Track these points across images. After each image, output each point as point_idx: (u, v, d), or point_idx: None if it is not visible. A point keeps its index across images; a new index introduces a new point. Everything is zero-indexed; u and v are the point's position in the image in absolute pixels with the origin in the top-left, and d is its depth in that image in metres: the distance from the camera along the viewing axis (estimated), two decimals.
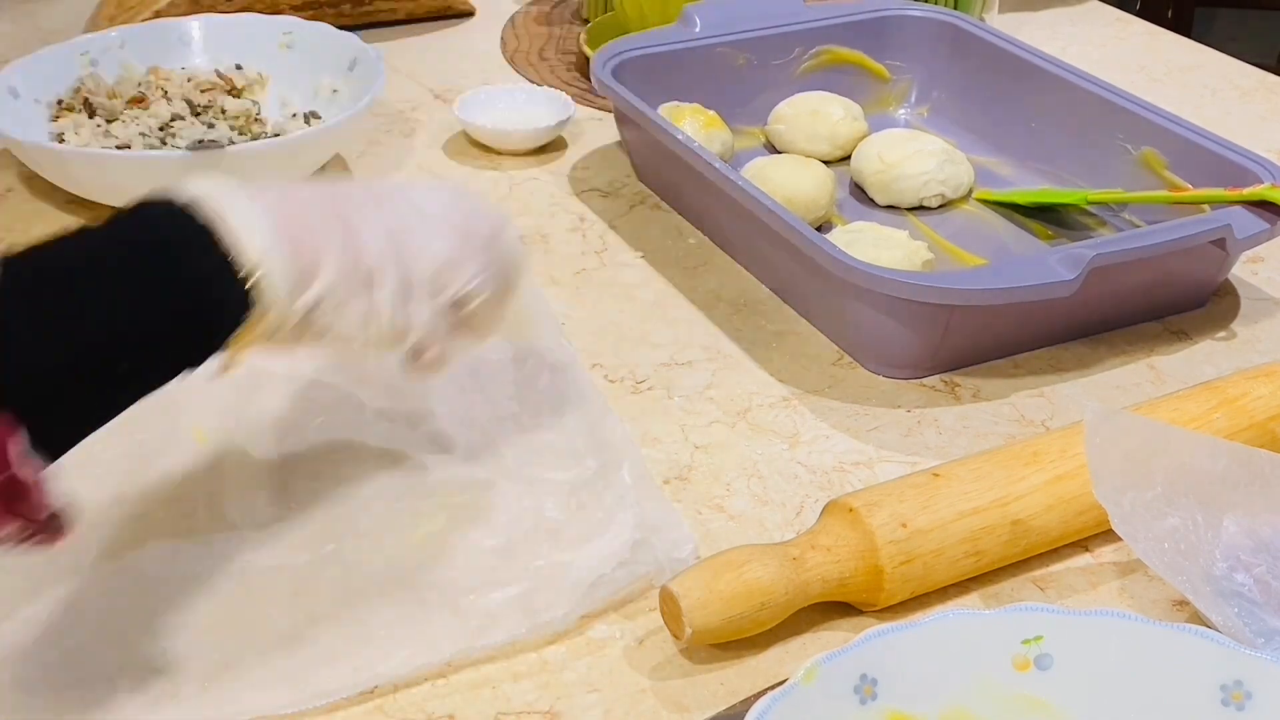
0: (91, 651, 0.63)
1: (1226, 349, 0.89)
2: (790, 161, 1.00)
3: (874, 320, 0.83)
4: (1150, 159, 0.97)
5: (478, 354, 0.83)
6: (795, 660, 0.64)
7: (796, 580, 0.64)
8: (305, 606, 0.66)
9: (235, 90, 1.08)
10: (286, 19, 1.14)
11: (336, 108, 1.07)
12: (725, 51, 1.08)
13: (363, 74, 1.06)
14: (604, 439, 0.76)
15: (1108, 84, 1.02)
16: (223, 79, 1.09)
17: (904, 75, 1.14)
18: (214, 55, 1.11)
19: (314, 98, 1.09)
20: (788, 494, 0.75)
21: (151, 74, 1.08)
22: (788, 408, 0.82)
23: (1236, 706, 0.56)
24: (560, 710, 0.62)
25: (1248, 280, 0.96)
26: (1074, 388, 0.84)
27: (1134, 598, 0.69)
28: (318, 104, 1.09)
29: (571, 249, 0.97)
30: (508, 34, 1.32)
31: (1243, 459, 0.67)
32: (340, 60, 1.09)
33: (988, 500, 0.68)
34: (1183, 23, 2.64)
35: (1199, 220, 0.87)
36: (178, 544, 0.69)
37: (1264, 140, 1.13)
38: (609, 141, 1.11)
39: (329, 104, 1.08)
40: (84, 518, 0.69)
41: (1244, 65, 1.32)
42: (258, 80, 1.10)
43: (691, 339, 0.88)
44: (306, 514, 0.71)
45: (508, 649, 0.65)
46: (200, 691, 0.61)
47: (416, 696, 0.62)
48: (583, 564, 0.68)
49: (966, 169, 1.03)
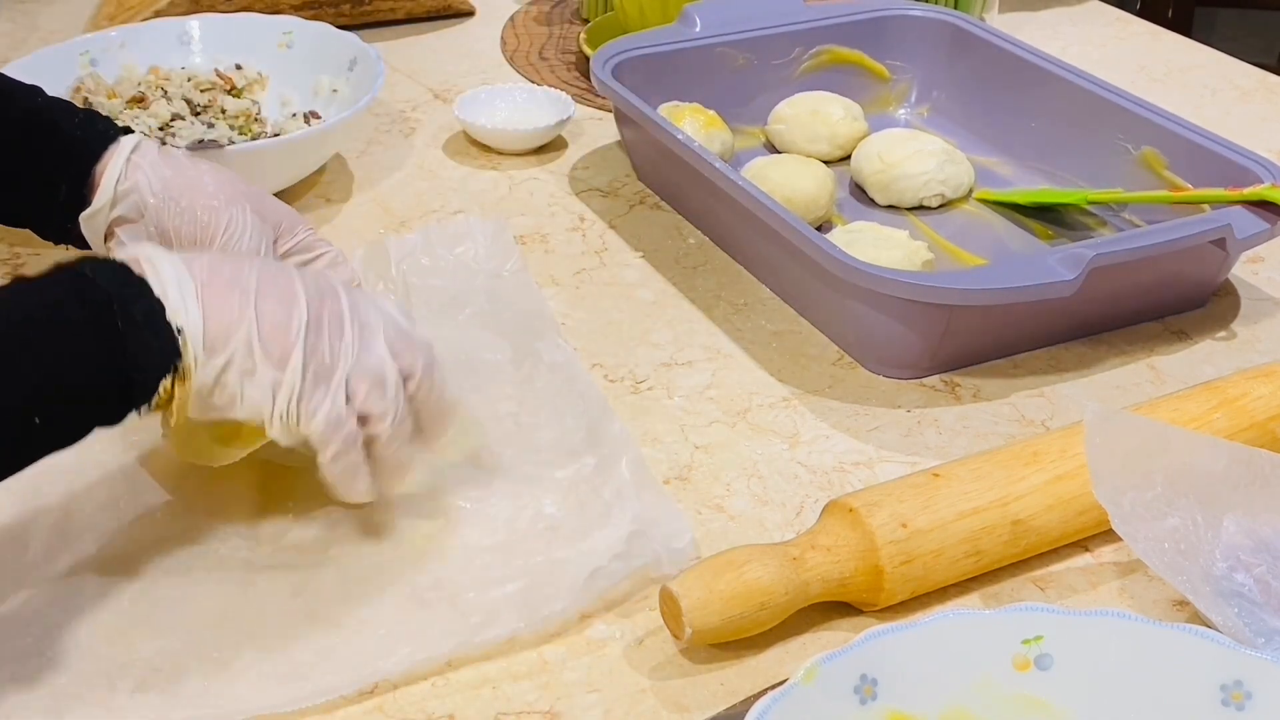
0: (91, 651, 0.63)
1: (1226, 349, 0.89)
2: (790, 161, 1.00)
3: (874, 320, 0.83)
4: (1150, 159, 0.97)
5: (476, 354, 0.83)
6: (795, 660, 0.64)
7: (796, 580, 0.64)
8: (305, 606, 0.66)
9: (235, 90, 1.08)
10: (286, 19, 1.14)
11: (336, 107, 1.07)
12: (725, 51, 1.08)
13: (363, 73, 1.06)
14: (603, 437, 0.76)
15: (1108, 84, 1.02)
16: (222, 78, 1.08)
17: (904, 75, 1.14)
18: (213, 55, 1.10)
19: (313, 97, 1.09)
20: (788, 494, 0.75)
21: (151, 73, 1.08)
22: (788, 408, 0.82)
23: (1236, 706, 0.56)
24: (560, 710, 0.62)
25: (1248, 280, 0.96)
26: (1074, 388, 0.84)
27: (1134, 598, 0.69)
28: (317, 104, 1.08)
29: (571, 249, 0.97)
30: (508, 34, 1.33)
31: (1243, 459, 0.67)
32: (340, 60, 1.09)
33: (988, 500, 0.68)
34: (1183, 23, 2.64)
35: (1199, 220, 0.87)
36: (177, 543, 0.69)
37: (1264, 140, 1.13)
38: (609, 141, 1.11)
39: (329, 104, 1.08)
40: (83, 517, 0.70)
41: (1244, 65, 1.32)
42: (257, 80, 1.10)
43: (691, 339, 0.88)
44: (307, 514, 0.71)
45: (507, 645, 0.65)
46: (200, 691, 0.61)
47: (416, 696, 0.62)
48: (581, 560, 0.68)
49: (966, 169, 1.03)
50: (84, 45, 1.07)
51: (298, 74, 1.10)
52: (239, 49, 1.11)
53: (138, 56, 1.08)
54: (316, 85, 1.09)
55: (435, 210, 1.01)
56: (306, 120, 1.06)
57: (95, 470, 0.73)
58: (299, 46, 1.11)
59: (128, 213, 0.75)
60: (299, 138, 0.99)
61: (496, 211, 1.01)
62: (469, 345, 0.84)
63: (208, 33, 1.11)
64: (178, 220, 0.75)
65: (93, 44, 1.07)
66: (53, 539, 0.69)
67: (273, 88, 1.10)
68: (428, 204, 1.02)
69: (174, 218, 0.75)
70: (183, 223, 0.75)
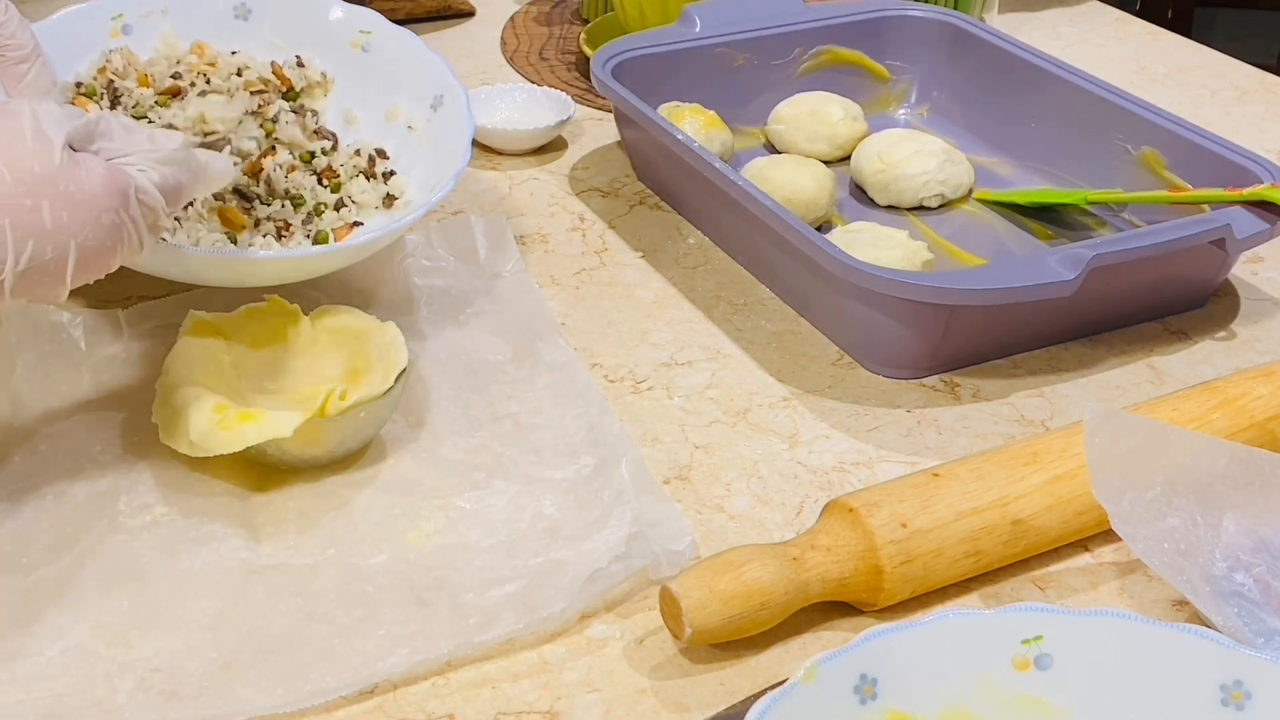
0: (91, 651, 0.63)
1: (1226, 349, 0.89)
2: (790, 161, 1.00)
3: (874, 320, 0.83)
4: (1150, 159, 0.97)
5: (477, 354, 0.83)
6: (795, 660, 0.64)
7: (796, 580, 0.64)
8: (305, 606, 0.66)
9: (292, 92, 0.89)
10: (368, 13, 0.93)
11: (410, 153, 0.89)
12: (725, 52, 1.09)
13: (448, 119, 0.88)
14: (602, 438, 0.76)
15: (1108, 84, 1.02)
16: (279, 77, 0.89)
17: (904, 75, 1.14)
18: (271, 39, 0.91)
19: (385, 124, 0.90)
20: (788, 494, 0.75)
21: (195, 51, 0.89)
22: (788, 408, 0.82)
23: (1236, 706, 0.56)
24: (560, 710, 0.62)
25: (1248, 280, 0.96)
26: (1074, 388, 0.85)
27: (1134, 598, 0.69)
28: (389, 138, 0.90)
29: (571, 249, 0.97)
30: (508, 34, 1.33)
31: (1243, 459, 0.67)
32: (423, 88, 0.90)
33: (988, 500, 0.68)
34: (1183, 23, 2.64)
35: (1199, 220, 0.87)
36: (177, 544, 0.69)
37: (1264, 140, 1.13)
38: (609, 141, 1.11)
39: (403, 143, 0.89)
40: (82, 517, 0.70)
41: (1244, 65, 1.32)
42: (320, 83, 0.91)
43: (691, 339, 0.88)
44: (307, 514, 0.71)
45: (507, 646, 0.65)
46: (200, 691, 0.61)
47: (416, 696, 0.62)
48: (581, 561, 0.68)
49: (966, 169, 1.03)
50: (118, 6, 0.88)
51: (370, 87, 0.92)
52: (304, 38, 0.91)
53: (182, 25, 0.89)
54: (391, 110, 0.91)
55: (435, 210, 1.01)
56: (371, 163, 0.88)
57: (95, 470, 0.73)
58: (376, 52, 0.92)
59: None
60: (363, 243, 0.79)
61: (496, 211, 1.01)
62: (469, 345, 0.84)
63: (269, 8, 0.91)
64: None
65: (129, 5, 0.88)
66: (53, 539, 0.69)
67: (336, 96, 0.92)
68: None
69: None
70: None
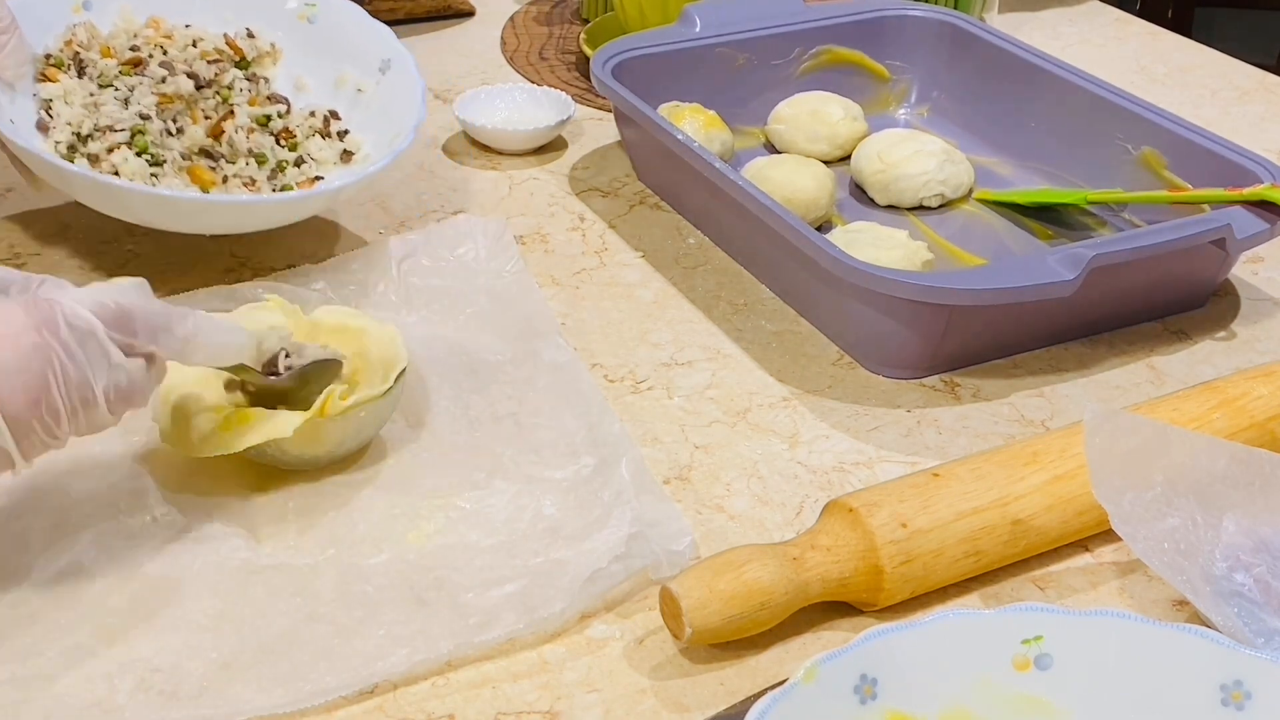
0: (91, 651, 0.63)
1: (1226, 349, 0.89)
2: (790, 161, 1.00)
3: (874, 320, 0.83)
4: (1150, 159, 0.97)
5: (477, 354, 0.83)
6: (795, 660, 0.64)
7: (796, 580, 0.64)
8: (305, 606, 0.66)
9: (244, 61, 0.96)
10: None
11: (361, 113, 0.95)
12: (725, 51, 1.09)
13: (396, 82, 0.95)
14: (602, 438, 0.76)
15: (1108, 84, 1.02)
16: (232, 47, 0.96)
17: (904, 75, 1.14)
18: (222, 13, 0.97)
19: (335, 90, 0.97)
20: (788, 494, 0.75)
21: (151, 25, 0.96)
22: (788, 408, 0.82)
23: (1236, 706, 0.56)
24: (560, 710, 0.62)
25: (1248, 280, 0.96)
26: (1074, 388, 0.84)
27: (1134, 598, 0.69)
28: (339, 101, 0.97)
29: (571, 249, 0.97)
30: (508, 34, 1.33)
31: (1243, 459, 0.67)
32: (369, 56, 0.97)
33: (988, 500, 0.68)
34: (1183, 23, 2.64)
35: (1199, 220, 0.87)
36: (177, 543, 0.69)
37: (1264, 140, 1.13)
38: (609, 141, 1.11)
39: (353, 105, 0.96)
40: (82, 517, 0.70)
41: (1244, 65, 1.32)
42: (269, 53, 0.98)
43: (691, 339, 0.88)
44: (307, 514, 0.71)
45: (507, 646, 0.65)
46: (200, 691, 0.61)
47: (416, 696, 0.62)
48: (581, 561, 0.68)
49: (966, 169, 1.03)
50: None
51: (317, 56, 0.98)
52: (252, 10, 0.98)
53: (136, 3, 0.96)
54: (340, 77, 0.98)
55: (435, 210, 1.01)
56: (326, 122, 0.95)
57: (95, 470, 0.73)
58: (322, 23, 0.99)
59: None
60: (337, 189, 0.88)
61: (496, 211, 1.01)
62: (469, 346, 0.84)
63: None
64: None
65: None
66: (53, 539, 0.69)
67: (285, 64, 0.98)
68: (427, 204, 1.02)
69: None
70: None
